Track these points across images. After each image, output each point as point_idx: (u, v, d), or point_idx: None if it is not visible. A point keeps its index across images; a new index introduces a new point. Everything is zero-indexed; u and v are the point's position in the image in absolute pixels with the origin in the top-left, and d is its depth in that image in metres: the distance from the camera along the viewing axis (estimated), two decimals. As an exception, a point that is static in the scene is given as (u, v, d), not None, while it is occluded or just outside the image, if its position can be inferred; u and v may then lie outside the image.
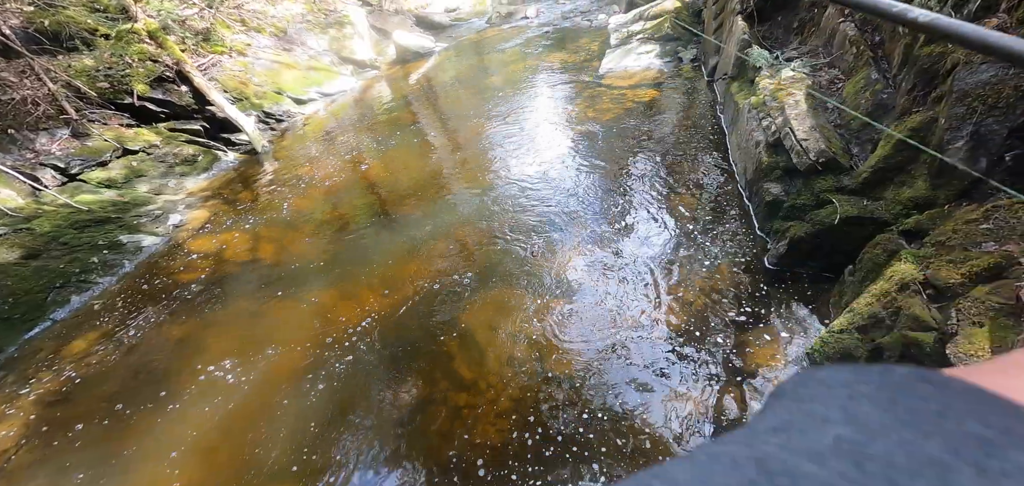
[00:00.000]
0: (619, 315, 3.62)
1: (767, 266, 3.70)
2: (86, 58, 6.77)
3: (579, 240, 4.44)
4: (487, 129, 7.02)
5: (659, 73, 7.45)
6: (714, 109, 6.08)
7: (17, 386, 3.94)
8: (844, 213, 3.21)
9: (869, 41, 4.17)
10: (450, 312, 3.98)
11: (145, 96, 6.97)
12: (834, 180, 3.43)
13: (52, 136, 6.03)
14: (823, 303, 3.31)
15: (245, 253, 5.20)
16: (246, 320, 4.26)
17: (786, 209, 3.66)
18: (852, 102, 3.96)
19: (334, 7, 11.33)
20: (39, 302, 4.64)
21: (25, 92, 5.96)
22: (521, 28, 11.89)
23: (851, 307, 2.71)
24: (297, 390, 3.52)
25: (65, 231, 5.17)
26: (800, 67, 4.59)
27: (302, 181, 6.48)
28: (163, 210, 5.97)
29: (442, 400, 3.28)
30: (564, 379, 3.25)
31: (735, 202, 4.46)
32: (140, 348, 4.14)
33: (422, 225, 5.08)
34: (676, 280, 3.80)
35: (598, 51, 8.90)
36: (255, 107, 8.15)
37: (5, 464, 3.33)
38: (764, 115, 4.15)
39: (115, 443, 3.36)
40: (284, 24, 10.14)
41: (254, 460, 3.11)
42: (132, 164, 6.37)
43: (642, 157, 5.47)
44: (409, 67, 10.84)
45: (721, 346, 3.23)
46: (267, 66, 9.02)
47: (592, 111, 6.75)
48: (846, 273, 3.18)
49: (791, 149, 3.68)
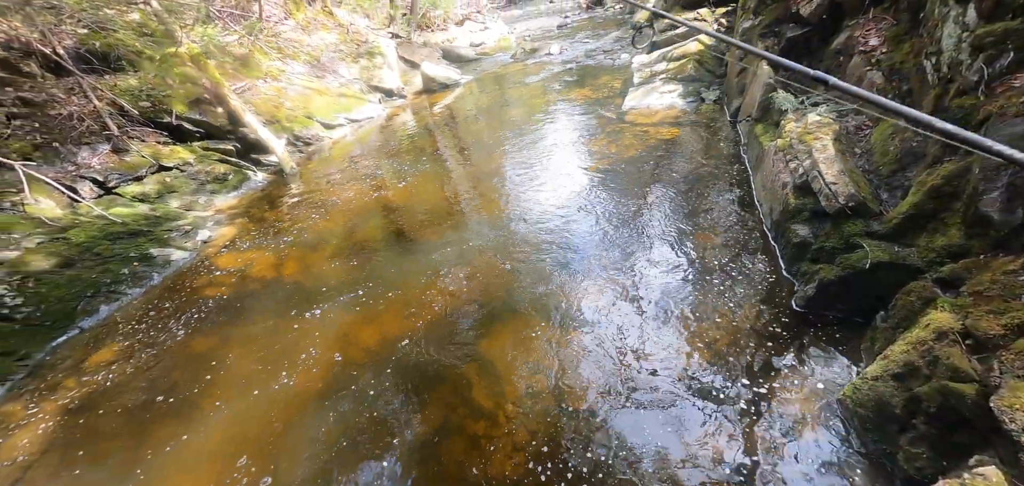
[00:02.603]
0: (639, 352, 3.58)
1: (794, 308, 3.64)
2: (131, 78, 7.10)
3: (599, 274, 4.43)
4: (508, 160, 7.12)
5: (681, 112, 7.51)
6: (737, 149, 6.09)
7: (43, 393, 4.00)
8: (875, 258, 3.16)
9: (897, 89, 4.17)
10: (468, 339, 3.98)
11: (183, 116, 7.26)
12: (864, 225, 3.40)
13: (93, 150, 6.29)
14: (853, 348, 3.23)
15: (268, 271, 5.29)
16: (266, 338, 4.30)
17: (814, 251, 3.62)
18: (880, 149, 3.95)
19: (366, 38, 11.75)
20: (69, 310, 4.75)
21: (72, 108, 6.25)
22: (544, 64, 12.15)
23: (885, 354, 2.64)
24: (315, 410, 3.52)
25: (99, 242, 5.33)
26: (826, 112, 4.60)
27: (326, 203, 6.61)
28: (193, 225, 6.13)
29: (458, 428, 3.25)
30: (581, 415, 3.20)
31: (760, 242, 4.42)
32: (163, 361, 4.20)
33: (441, 251, 5.12)
34: (699, 318, 3.75)
35: (620, 89, 9.03)
36: (286, 130, 8.41)
37: (27, 471, 3.36)
38: (791, 157, 4.15)
39: (134, 455, 3.38)
40: (318, 53, 10.53)
41: (270, 480, 3.10)
42: (166, 180, 6.58)
43: (664, 193, 5.48)
44: (434, 97, 11.12)
45: (746, 388, 3.16)
46: (299, 91, 9.34)
47: (614, 146, 6.81)
48: (878, 319, 3.11)
49: (819, 192, 3.66)
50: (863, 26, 5.01)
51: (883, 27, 4.76)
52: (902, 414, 2.43)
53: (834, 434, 2.78)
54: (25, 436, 3.61)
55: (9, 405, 3.90)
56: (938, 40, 3.58)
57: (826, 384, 3.08)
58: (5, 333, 4.31)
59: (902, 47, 4.31)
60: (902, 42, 4.35)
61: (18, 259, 4.74)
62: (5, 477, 3.31)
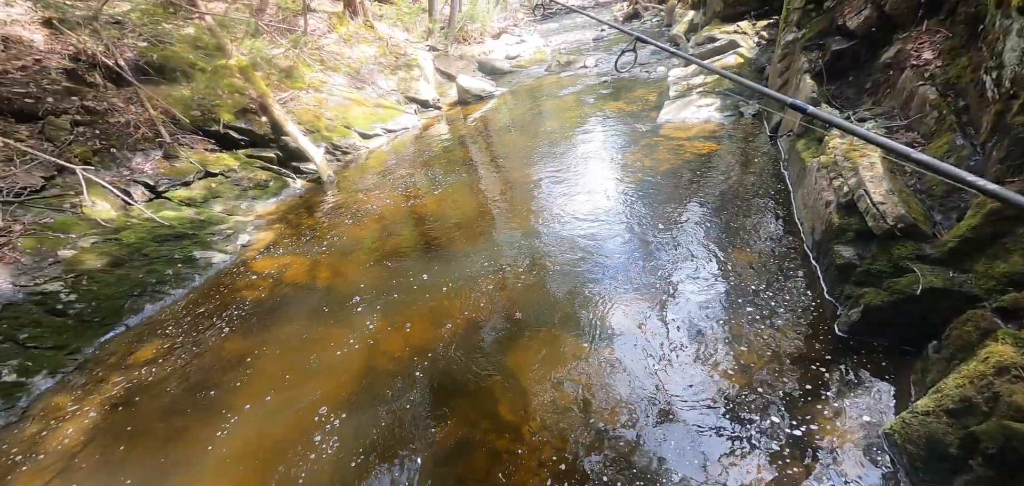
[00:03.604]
0: (670, 373, 3.46)
1: (837, 333, 3.45)
2: (184, 88, 7.48)
3: (630, 289, 4.33)
4: (540, 171, 7.10)
5: (719, 126, 7.33)
6: (777, 165, 5.88)
7: (89, 387, 4.20)
8: (927, 283, 2.96)
9: (953, 105, 3.94)
10: (494, 351, 3.95)
11: (230, 124, 7.59)
12: (915, 247, 3.19)
13: (146, 156, 6.64)
14: (902, 379, 3.03)
15: (303, 276, 5.43)
16: (297, 343, 4.40)
17: (859, 274, 3.43)
18: (934, 166, 3.71)
19: (404, 51, 12.03)
20: (117, 308, 5.00)
21: (129, 116, 6.64)
22: (579, 76, 12.11)
23: (938, 387, 2.46)
24: (342, 416, 3.56)
25: (147, 243, 5.60)
26: (874, 128, 4.39)
27: (360, 210, 6.75)
28: (234, 229, 6.36)
29: (482, 441, 3.21)
30: (608, 435, 3.11)
31: (800, 262, 4.23)
32: (200, 360, 4.35)
33: (471, 261, 5.13)
34: (734, 340, 3.61)
35: (656, 102, 8.89)
36: (325, 139, 8.67)
37: (72, 461, 3.53)
38: (835, 175, 3.97)
39: (168, 451, 3.50)
40: (358, 65, 10.84)
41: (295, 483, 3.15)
42: (211, 185, 6.88)
43: (699, 208, 5.33)
44: (469, 108, 11.25)
45: (784, 416, 3.00)
46: (339, 102, 9.62)
47: (648, 160, 6.70)
48: (930, 349, 2.91)
49: (866, 211, 3.47)
50: (915, 39, 4.77)
51: (937, 40, 4.51)
52: (957, 454, 2.25)
53: (880, 471, 2.60)
54: (71, 426, 3.80)
55: (59, 396, 4.11)
56: (999, 54, 3.36)
57: (871, 417, 2.89)
58: (58, 328, 4.56)
59: (958, 61, 4.07)
60: (958, 56, 4.11)
61: (74, 258, 5.02)
62: (51, 465, 3.49)
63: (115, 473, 3.40)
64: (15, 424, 3.89)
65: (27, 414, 3.97)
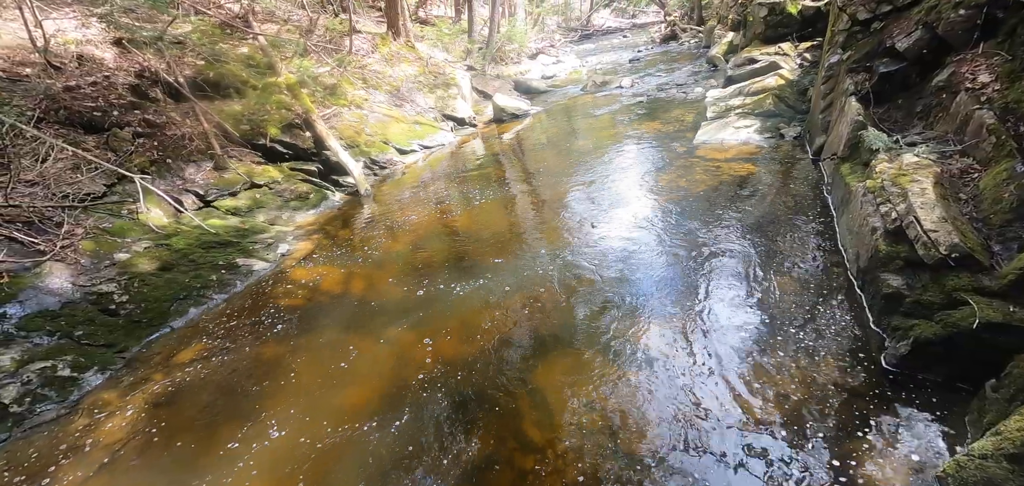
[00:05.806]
0: (703, 400, 3.35)
1: (884, 366, 3.27)
2: (236, 104, 7.91)
3: (662, 312, 4.24)
4: (573, 190, 7.09)
5: (757, 148, 7.16)
6: (819, 189, 5.68)
7: (134, 384, 4.41)
8: (985, 317, 2.78)
9: (1012, 130, 3.73)
10: (522, 369, 3.93)
11: (276, 138, 7.94)
12: (971, 279, 3.01)
13: (198, 167, 7.01)
14: (955, 418, 2.84)
15: (338, 286, 5.57)
16: (330, 351, 4.50)
17: (909, 305, 3.25)
18: (991, 196, 3.52)
19: (443, 70, 12.35)
20: (164, 310, 5.25)
21: (185, 129, 7.04)
22: (614, 96, 12.11)
23: (997, 429, 2.29)
24: (370, 424, 3.61)
25: (195, 249, 5.89)
26: (926, 153, 4.19)
27: (395, 224, 6.90)
28: (274, 239, 6.61)
29: (507, 460, 3.19)
30: (636, 460, 3.03)
31: (844, 290, 4.05)
32: (237, 363, 4.50)
33: (501, 278, 5.15)
34: (772, 369, 3.47)
35: (692, 123, 8.78)
36: (364, 154, 8.95)
37: (115, 455, 3.70)
38: (883, 200, 3.80)
39: (204, 449, 3.63)
40: (398, 83, 11.20)
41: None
42: (256, 196, 7.19)
43: (737, 232, 5.19)
44: (504, 127, 11.39)
45: (825, 451, 2.85)
46: (379, 119, 9.94)
47: (684, 181, 6.59)
48: (987, 387, 2.72)
49: (915, 239, 3.30)
50: (970, 62, 4.55)
51: (995, 63, 4.29)
52: (1018, 502, 2.08)
53: (930, 516, 2.43)
54: (116, 421, 3.99)
55: (107, 392, 4.33)
56: (1065, 76, 3.16)
57: (922, 457, 2.71)
58: (110, 327, 4.83)
59: (1017, 85, 3.86)
60: (1018, 79, 3.90)
61: (128, 261, 5.33)
62: (96, 458, 3.67)
63: (154, 469, 3.54)
64: (66, 416, 4.11)
65: (78, 407, 4.19)
